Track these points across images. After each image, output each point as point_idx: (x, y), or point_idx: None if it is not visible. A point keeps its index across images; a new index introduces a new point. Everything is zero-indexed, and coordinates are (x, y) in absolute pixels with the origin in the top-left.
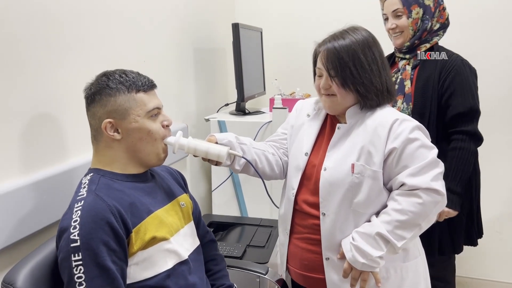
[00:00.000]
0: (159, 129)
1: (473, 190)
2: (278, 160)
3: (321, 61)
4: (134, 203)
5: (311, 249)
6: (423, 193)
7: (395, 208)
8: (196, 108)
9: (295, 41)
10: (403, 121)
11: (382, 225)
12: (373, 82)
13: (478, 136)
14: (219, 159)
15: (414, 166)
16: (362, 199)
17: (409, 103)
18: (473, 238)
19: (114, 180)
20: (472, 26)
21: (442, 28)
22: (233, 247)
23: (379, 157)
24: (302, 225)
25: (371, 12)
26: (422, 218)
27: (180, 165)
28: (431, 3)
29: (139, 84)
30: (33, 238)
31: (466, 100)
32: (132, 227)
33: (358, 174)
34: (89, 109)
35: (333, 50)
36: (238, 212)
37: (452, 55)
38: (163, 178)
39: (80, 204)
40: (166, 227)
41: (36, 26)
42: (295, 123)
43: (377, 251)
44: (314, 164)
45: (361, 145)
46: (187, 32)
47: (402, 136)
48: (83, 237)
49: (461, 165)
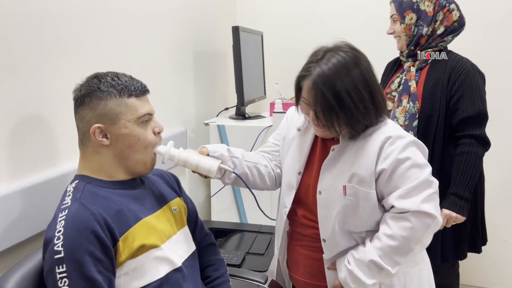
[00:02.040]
0: (150, 136)
1: (478, 195)
2: (271, 172)
3: (309, 95)
4: (121, 210)
5: (314, 256)
6: (413, 216)
7: (386, 233)
8: (195, 112)
9: (296, 45)
10: (395, 140)
11: (375, 251)
12: (359, 120)
13: (486, 140)
14: (209, 174)
15: (404, 187)
16: (357, 220)
17: (416, 102)
18: (477, 245)
19: (100, 187)
20: (480, 31)
21: (450, 32)
22: (232, 254)
23: (370, 178)
24: (302, 233)
25: (373, 16)
26: (414, 243)
27: (178, 169)
28: (428, 8)
29: (131, 89)
30: (21, 246)
31: (475, 104)
32: (119, 235)
33: (351, 196)
34: (77, 112)
35: (321, 91)
36: (237, 218)
37: (462, 59)
38: (154, 183)
39: (64, 213)
40: (157, 234)
41: (30, 26)
42: (287, 135)
43: (370, 280)
44: (308, 183)
45: (352, 166)
46: (186, 34)
47: (391, 157)
48: (67, 248)
49: (469, 170)
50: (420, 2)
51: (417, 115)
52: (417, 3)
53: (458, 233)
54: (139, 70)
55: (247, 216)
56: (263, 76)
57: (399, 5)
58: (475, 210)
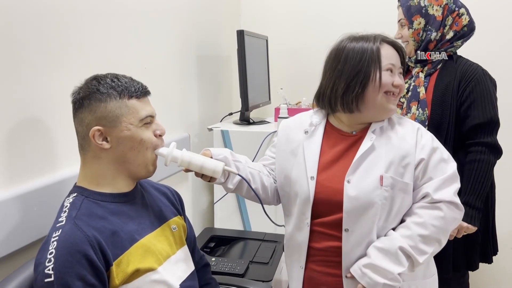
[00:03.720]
0: (151, 138)
1: (489, 204)
2: (272, 184)
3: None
4: (116, 232)
5: (329, 272)
6: (446, 206)
7: (416, 222)
8: (199, 117)
9: (301, 49)
10: (423, 130)
11: (403, 239)
12: None
13: (498, 148)
14: (214, 174)
15: (438, 178)
16: (393, 214)
17: (425, 108)
18: (488, 255)
19: (98, 202)
20: (492, 35)
21: (460, 37)
22: (235, 263)
23: (410, 168)
24: (317, 248)
25: (381, 20)
26: (442, 233)
27: (181, 175)
28: (437, 12)
29: (132, 90)
30: (18, 254)
31: (486, 111)
32: (113, 259)
33: (388, 187)
34: (76, 115)
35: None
36: (241, 226)
37: (472, 64)
38: (155, 199)
39: (58, 233)
40: (154, 256)
41: (33, 27)
42: (286, 147)
43: (398, 267)
44: (328, 185)
45: (389, 156)
46: (190, 38)
47: (427, 146)
48: (58, 272)
49: (480, 178)
50: (429, 7)
51: (427, 123)
52: (425, 8)
53: (470, 243)
54: (142, 73)
55: (251, 223)
56: (268, 81)
57: (407, 10)
58: (486, 219)
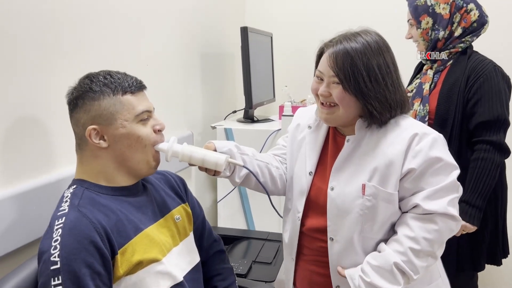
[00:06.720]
0: (150, 134)
1: (499, 205)
2: (282, 175)
3: (328, 63)
4: (120, 221)
5: (319, 272)
6: (440, 219)
7: (407, 236)
8: (202, 115)
9: (306, 47)
10: (423, 137)
11: (396, 255)
12: (387, 98)
13: (504, 147)
14: (216, 167)
15: (432, 188)
16: (375, 224)
17: (426, 104)
18: (496, 257)
19: (99, 193)
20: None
21: (469, 32)
22: (238, 263)
23: (394, 177)
24: (309, 247)
25: (386, 18)
26: (437, 246)
27: (184, 173)
28: (444, 10)
29: (125, 85)
30: (16, 254)
31: (493, 108)
32: (118, 248)
33: (370, 196)
34: (72, 116)
35: (345, 53)
36: (244, 225)
37: (484, 60)
38: (157, 189)
39: (61, 221)
40: (157, 247)
41: (31, 24)
42: (296, 137)
43: (394, 286)
44: (319, 185)
45: (373, 163)
46: (194, 35)
47: (421, 156)
48: (64, 259)
49: (482, 177)
50: (436, 5)
51: (427, 117)
52: (432, 7)
53: (475, 243)
54: (145, 71)
55: (254, 222)
56: (272, 78)
57: (414, 10)
58: (495, 220)
